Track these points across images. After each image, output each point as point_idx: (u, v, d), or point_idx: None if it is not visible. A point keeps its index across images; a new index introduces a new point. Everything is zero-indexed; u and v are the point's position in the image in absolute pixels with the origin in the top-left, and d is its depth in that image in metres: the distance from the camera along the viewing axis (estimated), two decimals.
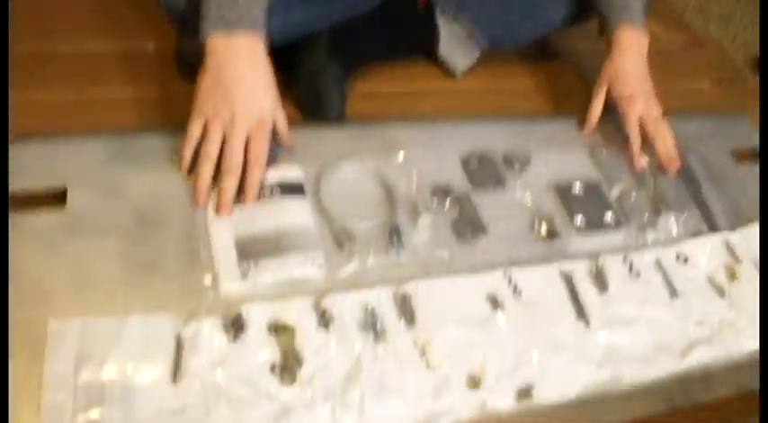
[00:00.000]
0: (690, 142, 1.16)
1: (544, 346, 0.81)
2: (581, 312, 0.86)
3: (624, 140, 1.07)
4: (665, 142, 1.06)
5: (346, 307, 0.79)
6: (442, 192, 0.92)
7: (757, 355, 0.90)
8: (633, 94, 1.06)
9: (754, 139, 1.25)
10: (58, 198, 0.82)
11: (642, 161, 1.05)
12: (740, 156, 1.21)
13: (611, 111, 1.10)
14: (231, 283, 0.79)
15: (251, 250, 0.81)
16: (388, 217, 0.89)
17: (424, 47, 1.17)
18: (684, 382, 0.85)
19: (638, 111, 1.06)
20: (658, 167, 1.06)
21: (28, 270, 0.74)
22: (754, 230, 1.05)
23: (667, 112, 1.09)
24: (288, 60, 1.03)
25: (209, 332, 0.74)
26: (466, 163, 0.98)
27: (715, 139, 1.20)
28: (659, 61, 1.13)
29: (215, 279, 0.79)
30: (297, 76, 1.03)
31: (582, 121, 1.11)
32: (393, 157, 0.95)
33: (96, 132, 0.89)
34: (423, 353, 0.77)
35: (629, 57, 1.08)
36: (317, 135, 0.97)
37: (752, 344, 0.91)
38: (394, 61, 1.14)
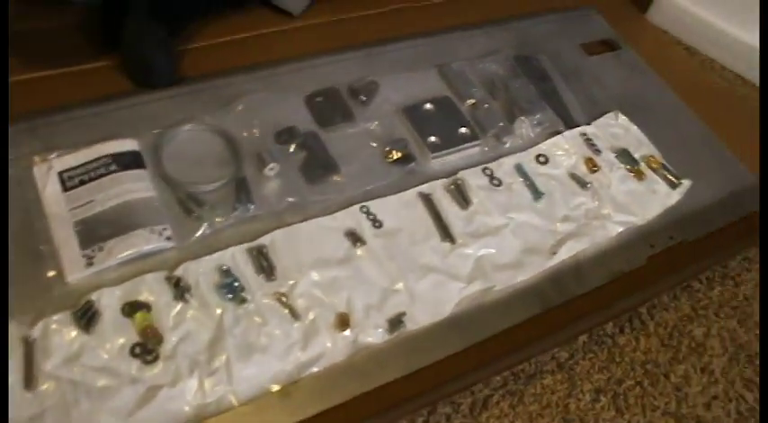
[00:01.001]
0: (539, 43, 1.16)
1: (411, 272, 0.81)
2: (445, 231, 0.85)
3: None
4: None
5: (200, 273, 0.76)
6: (286, 136, 0.89)
7: (623, 238, 0.92)
8: None
9: (602, 31, 1.26)
10: None
11: None
12: (590, 48, 1.21)
13: None
14: (77, 273, 0.74)
15: (93, 234, 0.77)
16: (235, 172, 0.85)
17: None
18: (556, 279, 0.86)
19: None
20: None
21: None
22: (610, 121, 1.06)
23: (518, 14, 1.07)
24: (110, 27, 0.97)
25: (60, 328, 0.70)
26: (310, 102, 0.94)
27: (564, 36, 1.21)
28: None
29: (59, 272, 0.74)
30: (120, 48, 0.96)
31: (426, 37, 1.08)
32: (232, 109, 0.91)
33: None
34: (286, 303, 0.75)
35: None
36: (150, 102, 0.92)
37: (617, 229, 0.92)
38: (226, 12, 1.08)
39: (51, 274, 0.74)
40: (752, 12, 1.31)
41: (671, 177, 1.00)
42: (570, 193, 0.94)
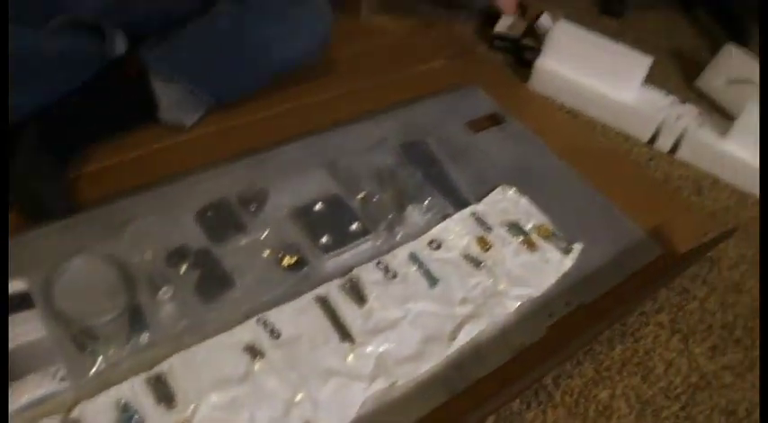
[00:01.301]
0: (426, 127, 1.21)
1: (313, 379, 0.82)
2: (344, 332, 0.87)
3: None
4: None
5: (97, 411, 0.75)
6: (177, 257, 0.90)
7: (522, 312, 0.95)
8: None
9: (487, 107, 1.32)
10: None
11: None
12: (477, 125, 1.27)
13: None
14: None
15: None
16: (128, 301, 0.85)
17: (145, 115, 1.11)
18: (458, 364, 0.88)
19: None
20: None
21: None
22: (498, 196, 1.10)
23: (408, 98, 1.11)
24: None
25: None
26: (201, 218, 0.96)
27: (450, 116, 1.26)
28: (392, 50, 1.14)
29: None
30: (10, 179, 0.97)
31: (313, 136, 1.13)
32: (122, 235, 0.92)
33: None
34: None
35: None
36: (40, 237, 0.92)
37: (514, 303, 0.95)
38: (115, 136, 1.10)
39: None
40: (624, 72, 1.39)
41: (562, 244, 1.05)
42: (465, 274, 0.97)
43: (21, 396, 0.75)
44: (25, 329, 0.81)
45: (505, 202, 1.10)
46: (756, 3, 1.88)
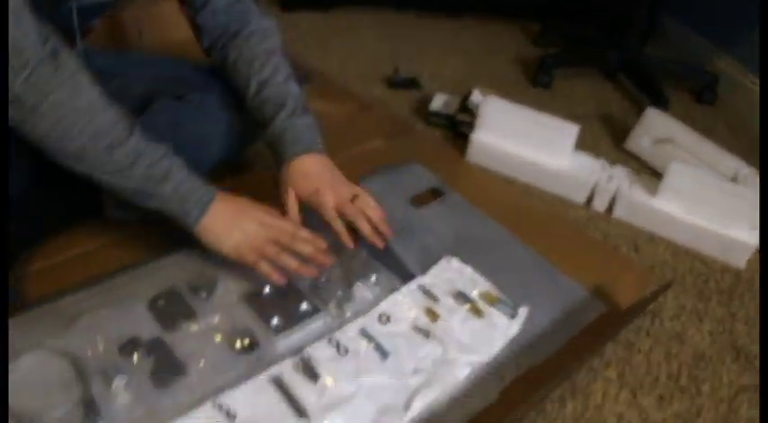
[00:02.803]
0: None
1: None
2: (300, 410, 0.88)
3: None
4: (371, 217, 1.08)
5: None
6: (130, 347, 0.91)
7: (473, 378, 0.97)
8: (319, 188, 1.06)
9: (428, 181, 1.37)
10: None
11: (349, 242, 1.07)
12: (419, 199, 1.32)
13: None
14: None
15: None
16: (82, 393, 0.86)
17: (92, 212, 1.12)
18: None
19: (329, 201, 1.06)
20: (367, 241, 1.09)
21: None
22: (443, 266, 1.14)
23: (349, 179, 1.14)
24: None
25: None
26: (153, 307, 0.98)
27: (392, 193, 1.31)
28: (333, 133, 1.17)
29: None
30: None
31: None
32: (74, 329, 0.93)
33: None
34: None
35: (307, 158, 1.08)
36: None
37: (465, 370, 0.98)
38: (61, 232, 1.11)
39: None
40: (555, 141, 1.47)
41: (508, 309, 1.08)
42: (416, 345, 1.00)
43: None
44: None
45: (450, 272, 1.14)
46: (674, 69, 2.03)
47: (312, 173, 1.08)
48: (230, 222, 0.99)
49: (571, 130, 1.48)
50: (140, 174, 0.93)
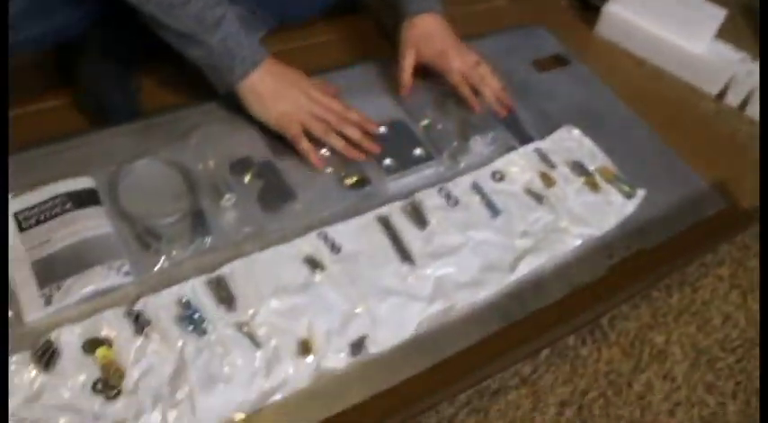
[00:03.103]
0: (491, 61, 1.17)
1: (371, 296, 0.81)
2: (404, 253, 0.86)
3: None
4: (491, 87, 1.04)
5: (160, 306, 0.76)
6: (241, 166, 0.90)
7: (582, 251, 0.93)
8: (444, 51, 1.03)
9: (552, 47, 1.28)
10: None
11: (476, 105, 1.03)
12: (542, 64, 1.24)
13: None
14: (35, 313, 0.74)
15: (51, 273, 0.77)
16: (191, 205, 0.85)
17: None
18: (517, 294, 0.87)
19: (455, 66, 1.03)
20: (492, 111, 1.05)
21: None
22: (563, 135, 1.08)
23: (469, 35, 1.09)
24: (66, 66, 0.97)
25: (18, 368, 0.69)
26: (266, 130, 0.95)
27: (515, 54, 1.23)
28: None
29: (17, 312, 0.74)
30: (76, 82, 0.97)
31: (377, 61, 1.10)
32: (188, 142, 0.91)
33: None
34: (247, 332, 0.75)
35: (428, 17, 1.04)
36: (106, 138, 0.92)
37: (575, 241, 0.93)
38: None
39: (9, 314, 0.73)
40: (696, 24, 1.35)
41: (625, 188, 1.02)
42: (527, 208, 0.96)
43: (86, 286, 0.76)
44: (92, 224, 0.81)
45: (570, 141, 1.07)
46: None
47: (436, 34, 1.03)
48: (278, 89, 0.92)
49: (716, 14, 1.35)
50: (192, 14, 0.86)
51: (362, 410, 0.73)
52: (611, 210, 0.99)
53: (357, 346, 0.76)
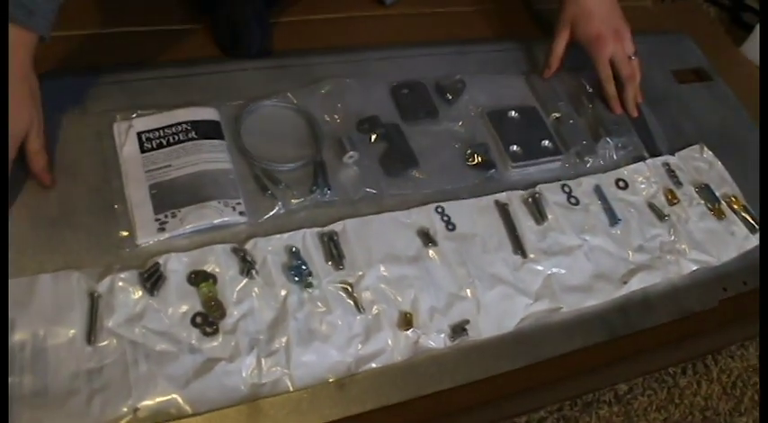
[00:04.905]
0: None
1: (480, 281, 0.79)
2: (518, 244, 0.83)
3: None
4: (635, 87, 1.00)
5: (269, 250, 0.75)
6: (368, 125, 0.87)
7: (696, 277, 0.89)
8: (601, 35, 0.98)
9: (695, 60, 1.22)
10: None
11: (618, 107, 1.00)
12: (681, 76, 1.18)
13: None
14: (148, 237, 0.74)
15: (168, 200, 0.76)
16: (313, 155, 0.84)
17: None
18: (624, 309, 0.83)
19: (608, 51, 0.98)
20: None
21: None
22: (694, 154, 1.02)
23: None
24: None
25: (126, 287, 0.70)
26: (395, 93, 0.93)
27: (656, 59, 1.17)
28: None
29: (131, 233, 0.74)
30: (214, 12, 0.96)
31: (519, 42, 1.06)
32: (317, 91, 0.90)
33: None
34: (352, 294, 0.74)
35: None
36: (235, 71, 0.91)
37: (690, 266, 0.89)
38: None
39: (123, 234, 0.73)
40: None
41: (751, 221, 0.97)
42: (647, 222, 0.91)
43: (201, 219, 0.75)
44: (213, 157, 0.81)
45: (701, 161, 1.02)
46: None
47: (596, 14, 0.98)
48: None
49: None
50: None
51: (455, 396, 0.71)
52: (732, 240, 0.94)
53: (458, 329, 0.74)
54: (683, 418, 0.83)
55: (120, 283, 0.70)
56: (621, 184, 0.94)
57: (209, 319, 0.70)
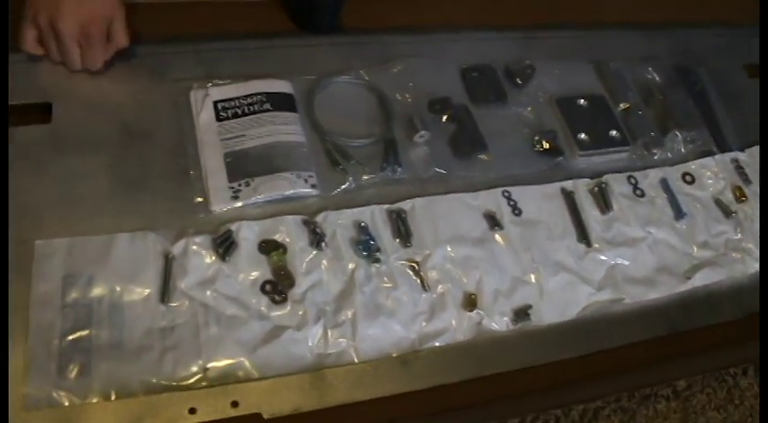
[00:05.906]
0: (701, 55, 1.11)
1: (544, 267, 0.79)
2: (583, 233, 0.83)
3: None
4: None
5: (339, 224, 0.76)
6: (440, 106, 0.88)
7: (757, 280, 0.88)
8: None
9: None
10: (43, 113, 0.78)
11: None
12: (754, 70, 1.15)
13: None
14: (222, 204, 0.76)
15: (242, 169, 0.78)
16: (384, 133, 0.85)
17: None
18: (687, 305, 0.83)
19: None
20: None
21: (13, 187, 0.70)
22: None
23: (676, 21, 1.02)
24: None
25: (199, 251, 0.72)
26: (465, 76, 0.93)
27: (729, 52, 1.14)
28: None
29: (205, 199, 0.76)
30: None
31: (587, 30, 1.06)
32: (389, 69, 0.90)
33: None
34: (418, 272, 0.75)
35: None
36: (309, 46, 0.92)
37: (755, 265, 0.88)
38: None
39: (198, 199, 0.75)
40: None
41: None
42: (713, 219, 0.90)
43: (274, 189, 0.77)
44: (287, 129, 0.82)
45: None
46: None
47: None
48: None
49: None
50: None
51: (515, 380, 0.72)
52: None
53: (520, 313, 0.75)
54: (743, 419, 0.83)
55: (194, 247, 0.72)
56: (688, 178, 0.93)
57: (278, 287, 0.72)
